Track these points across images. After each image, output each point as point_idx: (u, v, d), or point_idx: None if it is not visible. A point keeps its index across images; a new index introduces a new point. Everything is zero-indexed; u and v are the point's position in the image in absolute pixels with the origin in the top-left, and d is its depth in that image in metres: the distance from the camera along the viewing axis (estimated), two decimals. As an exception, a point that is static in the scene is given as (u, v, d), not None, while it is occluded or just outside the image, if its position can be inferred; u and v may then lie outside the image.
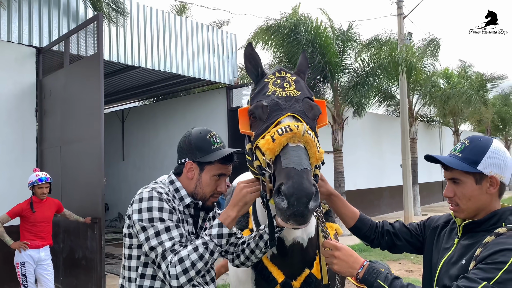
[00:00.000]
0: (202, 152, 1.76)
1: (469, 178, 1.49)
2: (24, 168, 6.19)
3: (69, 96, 6.15)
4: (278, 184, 1.43)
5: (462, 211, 1.52)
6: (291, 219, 1.40)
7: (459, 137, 20.63)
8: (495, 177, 1.47)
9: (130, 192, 13.04)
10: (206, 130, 1.82)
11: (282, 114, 1.60)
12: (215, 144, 1.79)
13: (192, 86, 11.93)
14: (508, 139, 28.76)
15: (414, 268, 7.51)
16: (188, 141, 1.80)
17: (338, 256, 1.55)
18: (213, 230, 1.60)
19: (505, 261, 1.28)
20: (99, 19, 5.67)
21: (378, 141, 16.07)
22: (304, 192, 1.37)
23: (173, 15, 9.40)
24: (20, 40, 6.59)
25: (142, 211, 1.61)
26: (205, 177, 1.77)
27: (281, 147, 1.51)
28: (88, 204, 5.60)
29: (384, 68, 11.05)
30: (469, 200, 1.49)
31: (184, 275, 1.51)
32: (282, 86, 1.72)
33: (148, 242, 1.57)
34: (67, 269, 6.09)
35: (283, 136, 1.51)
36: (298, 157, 1.46)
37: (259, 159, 1.58)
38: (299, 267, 1.93)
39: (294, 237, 1.89)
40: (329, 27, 11.15)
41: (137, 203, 1.64)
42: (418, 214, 15.02)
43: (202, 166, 1.77)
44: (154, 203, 1.62)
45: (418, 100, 16.47)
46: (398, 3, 13.74)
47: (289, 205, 1.38)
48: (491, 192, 1.48)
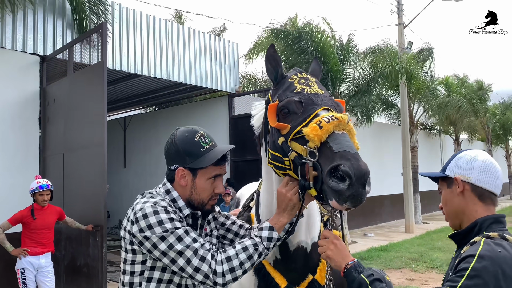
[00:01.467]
0: (192, 156, 1.64)
1: (443, 185, 1.60)
2: (27, 175, 6.22)
3: (72, 104, 6.20)
4: (332, 165, 1.45)
5: (448, 218, 1.61)
6: (349, 200, 1.43)
7: (459, 146, 20.64)
8: (458, 177, 1.53)
9: (131, 199, 12.87)
10: (193, 131, 1.70)
11: (318, 107, 1.65)
12: (205, 145, 1.66)
13: (194, 94, 11.99)
14: (509, 147, 28.74)
15: (415, 276, 7.50)
16: (175, 146, 1.67)
17: (336, 244, 1.59)
18: (263, 232, 1.60)
19: (466, 268, 1.29)
20: (103, 28, 5.74)
21: (379, 150, 16.09)
22: (363, 172, 1.42)
23: (176, 24, 9.49)
24: (25, 48, 6.66)
25: (153, 226, 1.51)
26: (199, 182, 1.66)
27: (328, 134, 1.55)
28: (90, 211, 5.62)
29: (385, 76, 11.13)
30: (446, 205, 1.59)
31: (230, 274, 1.51)
32: (307, 84, 1.79)
33: (173, 249, 1.49)
34: (68, 276, 6.09)
35: (330, 124, 1.55)
36: (349, 142, 1.52)
37: (297, 150, 1.60)
38: (302, 273, 1.93)
39: (298, 240, 1.89)
40: (331, 36, 11.26)
41: (142, 220, 1.53)
42: (419, 222, 15.00)
43: (194, 171, 1.65)
44: (162, 215, 1.53)
45: (419, 108, 16.54)
46: (399, 13, 13.85)
47: (349, 186, 1.41)
48: (458, 193, 1.52)
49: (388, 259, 8.89)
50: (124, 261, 1.63)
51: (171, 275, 1.60)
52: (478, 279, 1.26)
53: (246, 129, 10.25)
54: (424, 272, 7.87)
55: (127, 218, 1.60)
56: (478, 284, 1.25)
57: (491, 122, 23.16)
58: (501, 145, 27.91)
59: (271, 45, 1.90)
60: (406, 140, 13.49)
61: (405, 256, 9.21)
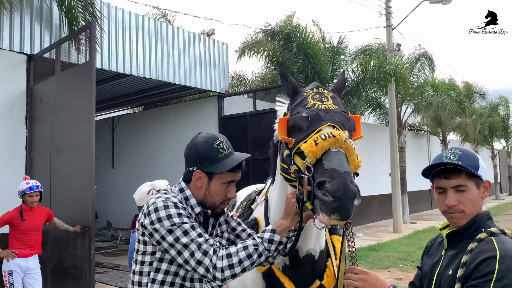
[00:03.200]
0: (210, 161, 1.74)
1: (472, 184, 1.53)
2: (13, 175, 6.14)
3: (60, 103, 6.13)
4: (320, 180, 1.50)
5: (466, 217, 1.53)
6: (336, 212, 1.45)
7: (446, 146, 20.91)
8: (489, 181, 1.56)
9: (119, 200, 12.96)
10: (213, 137, 1.79)
11: (323, 123, 1.70)
12: (223, 152, 1.76)
13: (183, 94, 11.94)
14: (494, 148, 29.18)
15: (403, 276, 7.57)
16: (195, 150, 1.77)
17: (366, 280, 1.60)
18: (265, 234, 1.67)
19: (492, 271, 1.33)
20: (91, 28, 5.69)
21: (367, 150, 16.19)
22: (348, 190, 1.45)
23: (165, 24, 9.45)
24: (11, 47, 6.56)
25: (162, 219, 1.62)
26: (214, 186, 1.76)
27: (323, 151, 1.59)
28: (78, 212, 5.56)
29: (374, 78, 11.22)
30: (474, 205, 1.53)
31: (229, 270, 1.58)
32: (320, 100, 1.82)
33: (179, 242, 1.59)
34: (55, 278, 6.02)
35: (326, 141, 1.59)
36: (340, 160, 1.55)
37: (298, 164, 1.67)
38: (310, 279, 2.01)
39: (308, 248, 1.97)
40: (321, 38, 11.32)
41: (153, 213, 1.65)
42: (407, 222, 15.14)
43: (211, 175, 1.75)
44: (171, 210, 1.64)
45: (407, 109, 16.73)
46: (387, 15, 13.97)
47: (335, 197, 1.44)
48: (485, 197, 1.57)
49: (376, 259, 8.97)
50: (136, 251, 1.76)
51: (177, 267, 1.70)
52: (506, 279, 1.31)
53: (236, 129, 10.22)
54: (412, 271, 7.94)
55: (142, 211, 1.73)
56: (507, 284, 1.31)
57: (478, 123, 23.48)
58: (487, 146, 28.32)
59: (281, 64, 1.98)
60: (394, 141, 13.62)
61: (393, 255, 9.29)
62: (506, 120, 27.34)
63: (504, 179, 35.73)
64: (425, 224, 14.96)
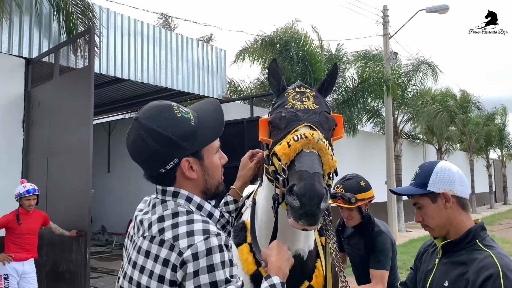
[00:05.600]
0: (189, 139, 1.28)
1: (425, 200, 1.64)
2: (10, 179, 6.12)
3: (57, 107, 6.13)
4: (290, 184, 1.51)
5: (433, 230, 1.65)
6: (303, 218, 1.46)
7: (442, 155, 21.01)
8: (446, 193, 1.60)
9: (115, 204, 12.91)
10: (165, 107, 1.31)
11: (300, 124, 1.69)
12: (189, 116, 1.32)
13: (180, 100, 11.93)
14: (490, 158, 29.30)
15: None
16: (161, 138, 1.25)
17: None
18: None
19: None
20: (91, 33, 5.71)
21: (363, 158, 16.25)
22: (315, 193, 1.44)
23: (164, 30, 9.49)
24: (10, 50, 6.57)
25: (200, 273, 1.15)
26: (209, 162, 1.36)
27: (296, 153, 1.59)
28: (74, 216, 5.54)
29: (371, 86, 11.30)
30: (433, 218, 1.63)
31: None
32: (301, 100, 1.82)
33: None
34: (50, 282, 5.98)
35: (298, 142, 1.59)
36: (311, 162, 1.54)
37: (275, 165, 1.68)
38: (299, 280, 1.97)
39: (296, 249, 1.94)
40: (319, 46, 11.41)
41: (191, 263, 1.15)
42: (402, 230, 15.17)
43: (198, 154, 1.33)
44: (215, 257, 1.17)
45: (403, 117, 16.82)
46: (384, 24, 14.09)
47: (301, 204, 1.44)
48: (449, 207, 1.61)
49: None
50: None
51: None
52: None
53: (233, 136, 10.22)
54: (407, 279, 7.96)
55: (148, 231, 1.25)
56: None
57: (473, 132, 23.59)
58: (482, 155, 28.43)
59: (274, 60, 1.96)
60: (390, 149, 13.68)
61: (388, 263, 9.30)
62: (502, 130, 27.49)
63: (498, 189, 35.86)
64: (420, 232, 14.97)
